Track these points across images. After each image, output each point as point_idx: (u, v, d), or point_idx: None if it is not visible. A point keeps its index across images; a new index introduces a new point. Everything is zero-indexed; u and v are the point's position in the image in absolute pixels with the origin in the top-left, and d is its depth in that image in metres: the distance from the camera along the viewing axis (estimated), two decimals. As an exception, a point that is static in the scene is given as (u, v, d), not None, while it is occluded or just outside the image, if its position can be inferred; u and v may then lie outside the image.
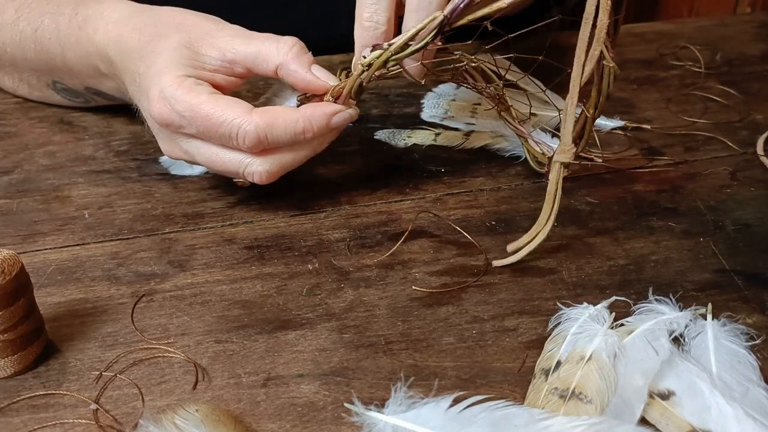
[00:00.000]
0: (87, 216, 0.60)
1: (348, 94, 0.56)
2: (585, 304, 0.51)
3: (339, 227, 0.60)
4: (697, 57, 0.81)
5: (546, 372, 0.46)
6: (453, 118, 0.71)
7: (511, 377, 0.48)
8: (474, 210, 0.61)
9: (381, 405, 0.44)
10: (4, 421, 0.45)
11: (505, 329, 0.51)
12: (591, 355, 0.45)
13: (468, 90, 0.68)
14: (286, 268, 0.56)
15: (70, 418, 0.45)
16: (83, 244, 0.58)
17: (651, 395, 0.45)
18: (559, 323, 0.50)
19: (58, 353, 0.49)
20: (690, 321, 0.49)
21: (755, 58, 0.84)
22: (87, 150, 0.67)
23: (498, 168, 0.66)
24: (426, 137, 0.68)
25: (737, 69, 0.81)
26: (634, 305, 0.51)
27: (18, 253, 0.46)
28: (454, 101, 0.72)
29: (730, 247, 0.58)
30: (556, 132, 0.64)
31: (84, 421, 0.45)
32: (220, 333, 0.51)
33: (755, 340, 0.49)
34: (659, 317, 0.49)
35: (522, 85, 0.64)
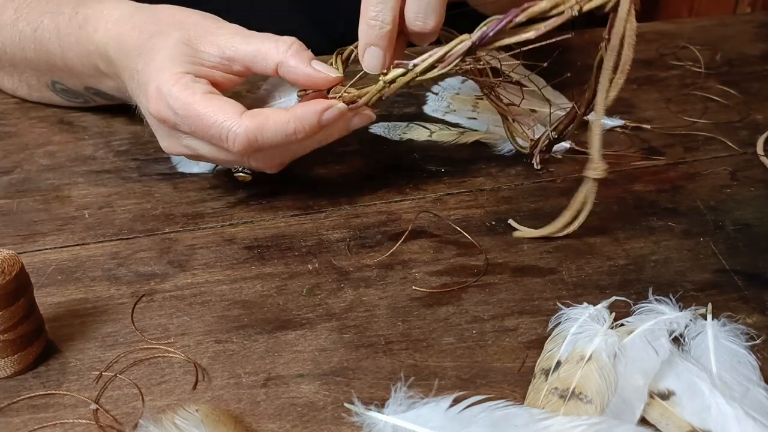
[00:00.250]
0: (87, 216, 0.60)
1: (365, 103, 0.56)
2: (585, 304, 0.51)
3: (339, 227, 0.59)
4: (697, 57, 0.81)
5: (546, 372, 0.46)
6: (455, 111, 0.72)
7: (511, 377, 0.48)
8: (474, 210, 0.61)
9: (381, 405, 0.44)
10: (4, 421, 0.45)
11: (505, 329, 0.51)
12: (591, 355, 0.45)
13: (471, 84, 0.68)
14: (286, 268, 0.56)
15: (70, 418, 0.45)
16: (83, 244, 0.58)
17: (651, 395, 0.45)
18: (559, 323, 0.50)
19: (58, 353, 0.49)
20: (690, 321, 0.49)
21: (755, 58, 0.84)
22: (87, 150, 0.67)
23: (498, 168, 0.66)
24: (421, 134, 0.69)
25: (737, 69, 0.81)
26: (634, 305, 0.51)
27: (18, 253, 0.46)
28: (457, 95, 0.73)
29: (730, 247, 0.58)
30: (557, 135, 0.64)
31: (84, 421, 0.45)
32: (220, 333, 0.51)
33: (755, 340, 0.49)
34: (659, 317, 0.49)
35: (523, 83, 0.64)
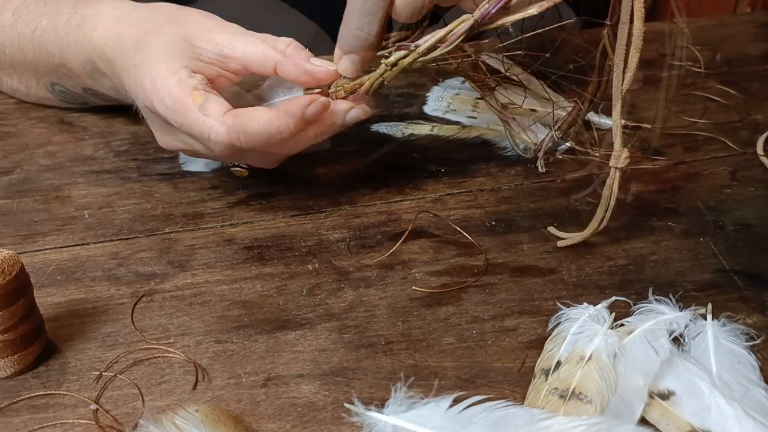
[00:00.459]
0: (87, 216, 0.60)
1: (367, 90, 0.56)
2: (585, 304, 0.51)
3: (339, 227, 0.59)
4: (697, 57, 0.81)
5: (546, 372, 0.46)
6: (455, 111, 0.72)
7: (511, 377, 0.48)
8: (474, 210, 0.61)
9: (381, 405, 0.44)
10: (4, 421, 0.45)
11: (505, 329, 0.51)
12: (591, 355, 0.45)
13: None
14: (286, 268, 0.56)
15: (70, 418, 0.45)
16: (83, 244, 0.57)
17: (651, 395, 0.45)
18: (559, 323, 0.50)
19: (58, 353, 0.49)
20: (690, 321, 0.49)
21: (755, 58, 0.84)
22: (87, 150, 0.67)
23: (498, 168, 0.66)
24: (423, 129, 0.69)
25: (737, 69, 0.81)
26: (634, 305, 0.51)
27: (18, 253, 0.46)
28: (457, 95, 0.73)
29: (730, 247, 0.58)
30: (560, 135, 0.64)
31: (84, 422, 0.45)
32: (220, 333, 0.51)
33: (755, 340, 0.49)
34: (659, 317, 0.49)
35: (525, 83, 0.64)
